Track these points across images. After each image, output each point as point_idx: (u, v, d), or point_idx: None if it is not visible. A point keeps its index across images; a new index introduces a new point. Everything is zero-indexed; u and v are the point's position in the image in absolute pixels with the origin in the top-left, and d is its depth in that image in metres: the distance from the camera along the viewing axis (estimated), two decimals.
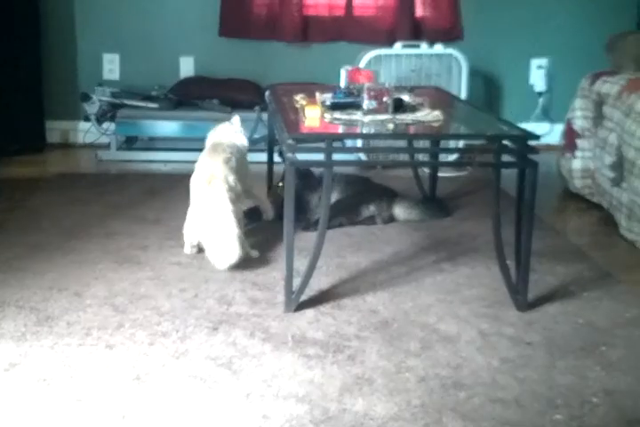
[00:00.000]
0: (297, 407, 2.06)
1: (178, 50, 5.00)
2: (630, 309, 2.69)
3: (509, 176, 2.70)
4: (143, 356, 2.31)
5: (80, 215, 3.57)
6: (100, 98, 4.72)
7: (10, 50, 4.61)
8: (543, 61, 5.11)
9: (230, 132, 3.26)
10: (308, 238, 2.76)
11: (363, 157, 4.43)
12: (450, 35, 4.92)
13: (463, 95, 4.46)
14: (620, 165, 3.43)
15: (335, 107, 2.94)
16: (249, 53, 5.00)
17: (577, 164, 3.94)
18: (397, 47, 4.54)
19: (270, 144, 3.78)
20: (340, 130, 2.87)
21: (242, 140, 3.23)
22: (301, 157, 2.62)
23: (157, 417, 2.01)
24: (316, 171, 3.27)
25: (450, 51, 4.53)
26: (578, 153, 3.93)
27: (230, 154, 3.10)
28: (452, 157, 4.50)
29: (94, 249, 3.15)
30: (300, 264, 2.68)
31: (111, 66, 5.01)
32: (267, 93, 3.69)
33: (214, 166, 3.03)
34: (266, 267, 2.99)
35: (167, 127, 4.67)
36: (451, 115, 3.17)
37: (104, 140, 4.81)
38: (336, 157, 2.64)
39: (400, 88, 3.30)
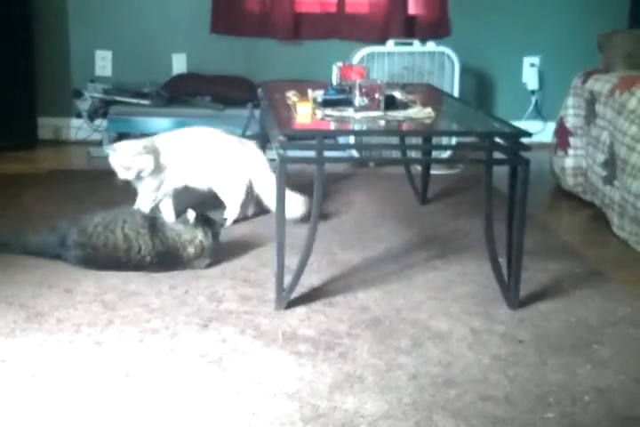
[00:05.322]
0: (287, 405, 2.05)
1: (170, 47, 4.98)
2: (622, 307, 2.69)
3: (502, 174, 2.69)
4: (133, 353, 2.30)
5: (72, 212, 3.52)
6: (92, 94, 4.71)
7: (2, 46, 4.58)
8: (535, 59, 5.11)
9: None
10: (298, 235, 2.75)
11: (355, 154, 4.43)
12: (437, 31, 4.91)
13: (455, 93, 4.46)
14: (612, 163, 3.43)
15: (327, 103, 2.93)
16: (241, 50, 4.99)
17: (569, 162, 3.94)
18: (390, 45, 4.54)
19: (262, 142, 3.77)
20: (332, 126, 2.86)
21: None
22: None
23: (147, 414, 2.00)
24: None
25: (442, 48, 4.53)
26: (570, 151, 3.93)
27: None
28: (444, 155, 4.52)
29: None
30: (291, 261, 2.67)
31: (103, 62, 5.00)
32: (259, 90, 3.68)
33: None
34: (256, 264, 2.98)
35: (159, 124, 4.64)
36: (442, 112, 3.17)
37: (96, 136, 4.80)
38: (328, 154, 2.64)
39: (392, 85, 3.30)
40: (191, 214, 2.92)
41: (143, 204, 3.34)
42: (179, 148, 3.37)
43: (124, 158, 3.22)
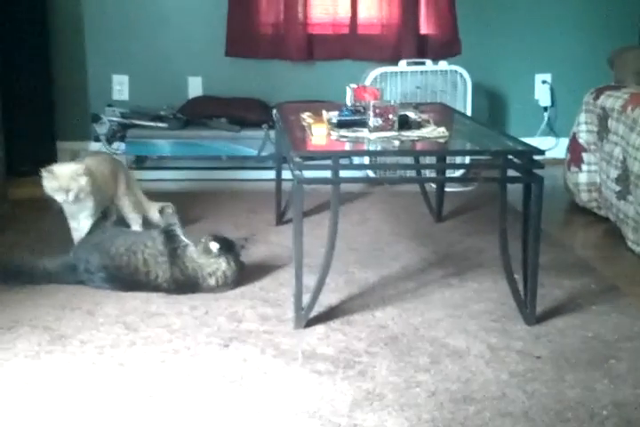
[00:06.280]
0: (308, 423, 2.07)
1: (186, 70, 5.05)
2: (638, 322, 2.70)
3: (516, 190, 2.72)
4: (155, 373, 2.33)
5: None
6: (109, 118, 4.77)
7: (21, 73, 4.66)
8: (547, 76, 5.14)
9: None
10: (316, 255, 2.78)
11: (370, 174, 4.46)
12: (449, 50, 4.95)
13: (468, 111, 4.50)
14: (625, 179, 3.46)
15: (341, 124, 2.97)
16: (256, 72, 5.05)
17: (583, 177, 3.96)
18: (402, 64, 4.58)
19: (278, 162, 3.81)
20: (347, 147, 2.90)
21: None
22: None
23: None
24: None
25: (454, 67, 4.56)
26: (584, 167, 3.96)
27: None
28: (459, 173, 4.55)
29: None
30: (309, 280, 2.70)
31: (120, 87, 5.07)
32: (274, 112, 3.73)
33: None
34: (275, 284, 3.02)
35: (176, 146, 4.71)
36: (456, 131, 3.20)
37: None
38: (343, 174, 2.68)
39: (405, 105, 3.33)
40: (214, 246, 2.95)
41: (85, 224, 3.26)
42: (100, 170, 3.44)
43: (63, 181, 3.19)
